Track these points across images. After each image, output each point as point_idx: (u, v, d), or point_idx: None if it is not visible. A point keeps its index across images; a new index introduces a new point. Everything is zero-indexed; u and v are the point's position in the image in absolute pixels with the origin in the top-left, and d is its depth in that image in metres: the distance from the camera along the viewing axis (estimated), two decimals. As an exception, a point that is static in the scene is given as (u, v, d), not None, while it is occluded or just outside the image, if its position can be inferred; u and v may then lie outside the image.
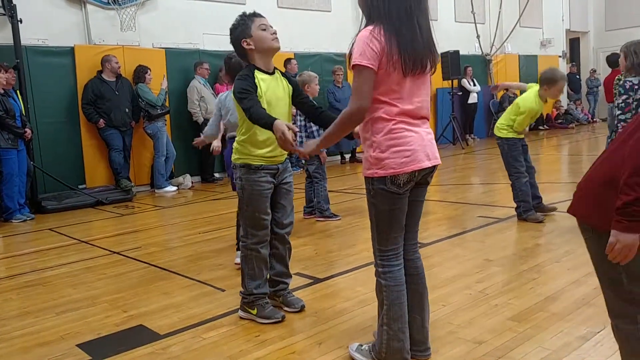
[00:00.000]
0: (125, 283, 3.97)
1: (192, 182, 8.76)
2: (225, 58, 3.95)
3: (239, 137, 3.02)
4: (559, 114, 15.67)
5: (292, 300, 3.22)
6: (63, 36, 7.96)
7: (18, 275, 4.35)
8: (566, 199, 5.86)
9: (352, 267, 3.99)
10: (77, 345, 2.92)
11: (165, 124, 8.45)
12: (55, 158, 7.72)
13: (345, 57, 2.41)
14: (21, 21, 7.08)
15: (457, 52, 11.90)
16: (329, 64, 10.59)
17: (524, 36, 14.73)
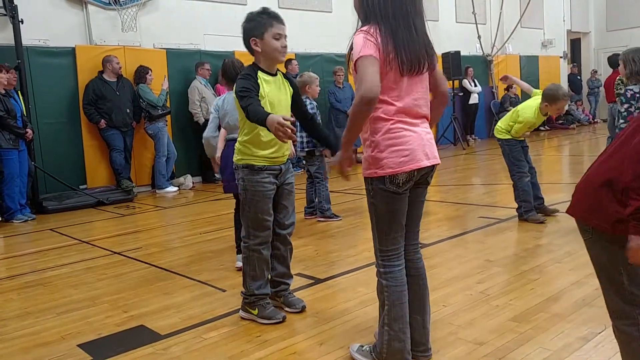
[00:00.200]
0: (126, 283, 3.97)
1: (193, 183, 8.76)
2: (223, 62, 3.95)
3: (242, 137, 3.00)
4: (559, 114, 15.66)
5: (293, 300, 3.22)
6: (64, 37, 7.96)
7: (19, 276, 4.36)
8: (567, 199, 5.84)
9: (353, 267, 3.99)
10: (78, 345, 2.92)
11: (166, 125, 8.46)
12: (56, 158, 7.72)
13: (345, 57, 2.40)
14: (22, 22, 7.09)
15: (458, 52, 11.90)
16: (330, 64, 10.58)
17: (525, 37, 14.73)
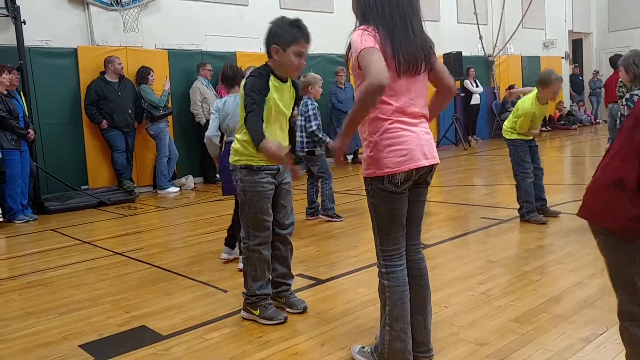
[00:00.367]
0: (127, 284, 3.97)
1: (194, 183, 8.76)
2: (222, 67, 3.96)
3: (241, 136, 2.98)
4: (561, 115, 15.65)
5: (294, 301, 3.22)
6: (66, 37, 7.97)
7: (20, 276, 4.36)
8: (569, 200, 5.85)
9: (355, 268, 3.99)
10: (80, 345, 2.93)
11: (168, 125, 8.46)
12: (58, 159, 7.73)
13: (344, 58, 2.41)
14: (24, 22, 7.10)
15: (460, 53, 11.88)
16: (332, 65, 10.58)
17: (526, 37, 14.71)
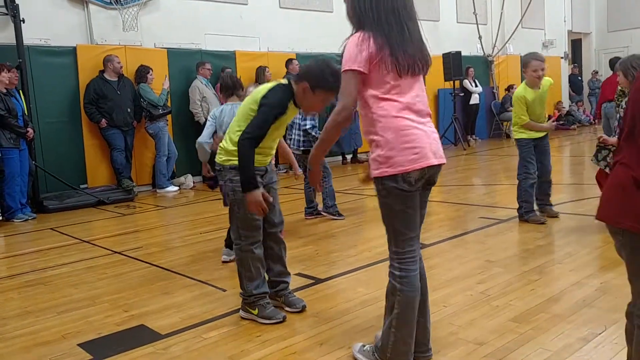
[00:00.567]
0: (126, 283, 3.97)
1: (193, 182, 8.76)
2: (221, 75, 3.97)
3: (237, 136, 2.87)
4: (560, 115, 15.65)
5: (293, 300, 3.22)
6: (65, 36, 7.97)
7: (19, 275, 4.36)
8: (568, 200, 5.86)
9: (354, 267, 3.99)
10: (78, 344, 2.92)
11: (167, 124, 8.46)
12: (57, 158, 7.72)
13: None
14: (24, 21, 7.09)
15: (459, 53, 11.88)
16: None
17: (525, 37, 14.72)
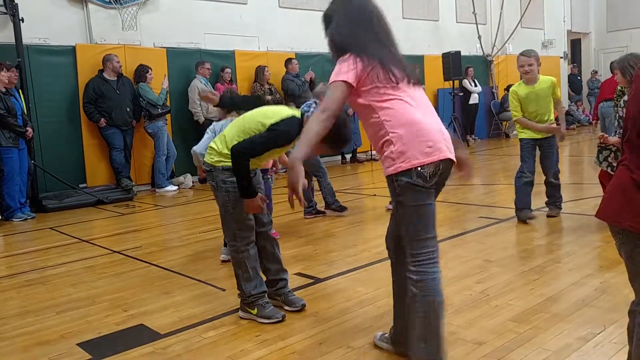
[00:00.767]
0: (125, 282, 3.97)
1: (192, 182, 8.76)
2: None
3: (233, 141, 2.95)
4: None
5: (292, 299, 3.23)
6: (64, 35, 7.96)
7: (19, 274, 4.36)
8: (568, 200, 5.85)
9: (353, 267, 4.00)
10: (78, 344, 2.92)
11: (166, 124, 8.45)
12: (56, 157, 7.72)
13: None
14: (23, 20, 7.09)
15: (459, 52, 11.88)
16: (330, 64, 10.57)
17: (525, 37, 14.70)
